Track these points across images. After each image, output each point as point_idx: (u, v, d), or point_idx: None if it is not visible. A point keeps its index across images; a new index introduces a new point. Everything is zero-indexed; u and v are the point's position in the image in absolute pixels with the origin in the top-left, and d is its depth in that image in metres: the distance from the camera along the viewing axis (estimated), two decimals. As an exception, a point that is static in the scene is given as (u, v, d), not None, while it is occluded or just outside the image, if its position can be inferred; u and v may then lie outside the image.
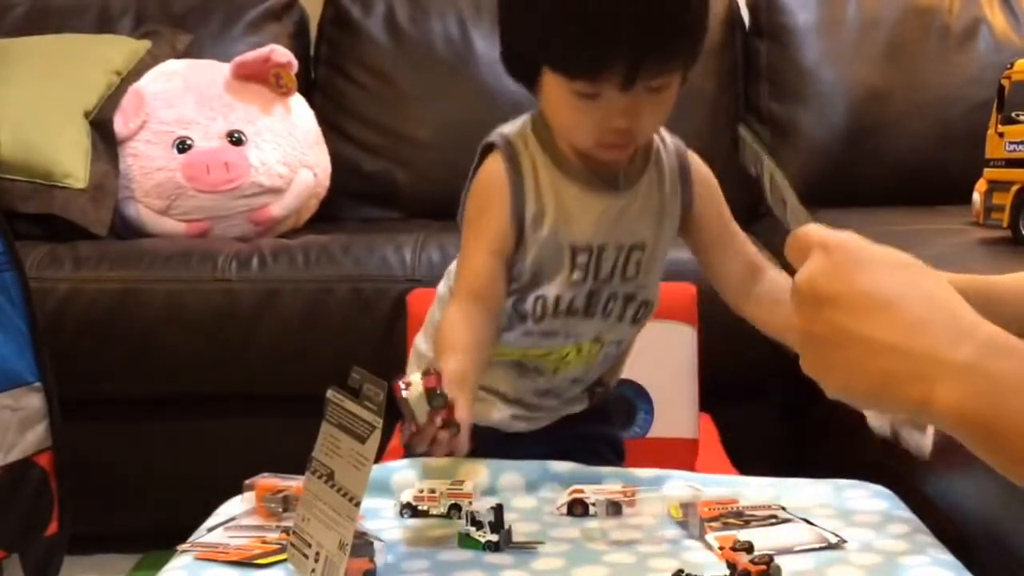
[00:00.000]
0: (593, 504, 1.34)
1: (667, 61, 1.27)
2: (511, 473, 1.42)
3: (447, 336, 1.33)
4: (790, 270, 0.89)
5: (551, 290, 1.41)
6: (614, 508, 1.33)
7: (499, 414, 1.51)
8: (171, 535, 1.37)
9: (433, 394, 1.14)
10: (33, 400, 2.03)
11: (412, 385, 1.15)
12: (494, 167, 1.40)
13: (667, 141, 1.46)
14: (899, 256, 0.86)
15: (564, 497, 1.36)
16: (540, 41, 1.29)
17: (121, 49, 2.81)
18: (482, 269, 1.38)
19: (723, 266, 1.47)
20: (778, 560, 1.16)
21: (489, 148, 1.42)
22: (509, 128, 1.42)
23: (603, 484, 1.38)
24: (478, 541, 1.24)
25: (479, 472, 1.41)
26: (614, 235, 1.40)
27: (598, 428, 1.58)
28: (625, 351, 1.54)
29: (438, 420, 1.16)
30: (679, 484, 1.38)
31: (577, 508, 1.34)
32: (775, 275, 1.47)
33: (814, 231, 0.88)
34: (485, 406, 1.49)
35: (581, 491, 1.35)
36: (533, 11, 1.29)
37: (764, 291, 1.45)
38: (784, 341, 1.42)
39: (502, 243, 1.38)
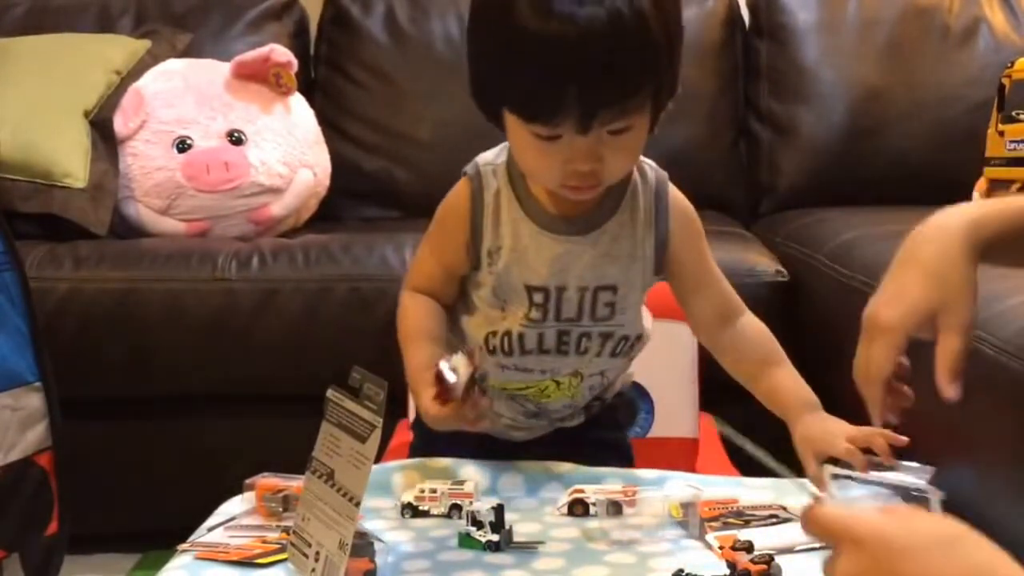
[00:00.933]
0: (594, 504, 1.34)
1: (623, 105, 1.22)
2: (512, 473, 1.42)
3: (414, 324, 1.40)
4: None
5: (515, 327, 1.39)
6: (615, 508, 1.33)
7: (495, 426, 1.49)
8: (171, 535, 1.37)
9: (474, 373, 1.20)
10: (33, 400, 2.03)
11: (459, 369, 1.19)
12: (460, 194, 1.40)
13: (647, 175, 1.41)
14: (938, 529, 0.80)
15: (565, 497, 1.36)
16: (498, 82, 1.27)
17: (121, 49, 2.81)
18: (432, 274, 1.43)
19: (696, 306, 1.43)
20: (778, 560, 1.16)
21: (464, 174, 1.41)
22: (487, 156, 1.41)
23: (603, 484, 1.38)
24: (479, 541, 1.24)
25: (480, 472, 1.41)
26: (574, 277, 1.37)
27: (602, 434, 1.56)
28: (619, 375, 1.53)
29: (475, 392, 1.21)
30: (679, 484, 1.38)
31: (578, 508, 1.34)
32: (747, 321, 1.44)
33: (837, 519, 0.83)
34: None
35: (582, 491, 1.35)
36: (490, 53, 1.26)
37: (732, 338, 1.43)
38: (749, 389, 1.43)
39: (453, 264, 1.41)
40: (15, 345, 2.01)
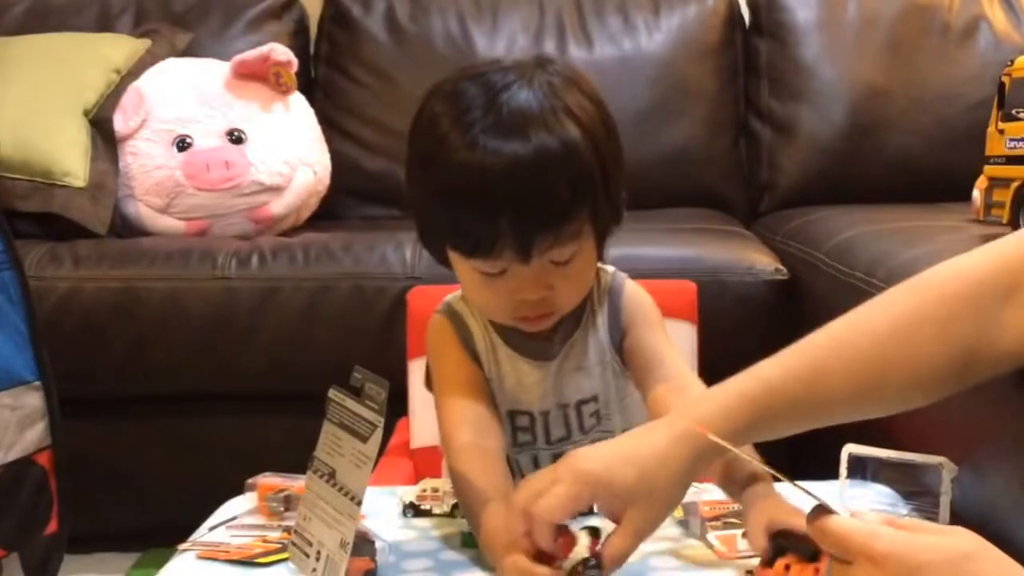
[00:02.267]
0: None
1: (559, 231, 1.21)
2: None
3: (477, 491, 1.22)
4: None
5: (510, 455, 1.37)
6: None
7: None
8: (170, 534, 1.37)
9: (588, 560, 1.08)
10: (32, 399, 2.03)
11: (577, 550, 1.08)
12: (441, 325, 1.37)
13: (602, 282, 1.39)
14: (955, 545, 0.81)
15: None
16: (437, 220, 1.26)
17: (121, 47, 2.81)
18: (461, 414, 1.30)
19: (649, 389, 1.37)
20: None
21: (436, 312, 1.39)
22: (454, 295, 1.40)
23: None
24: (480, 540, 1.24)
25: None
26: (554, 399, 1.36)
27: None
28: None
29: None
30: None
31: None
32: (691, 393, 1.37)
33: (854, 535, 0.83)
34: None
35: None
36: (427, 192, 1.26)
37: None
38: None
39: (469, 375, 1.34)
40: (15, 344, 2.01)
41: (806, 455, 2.29)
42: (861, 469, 1.34)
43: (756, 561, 1.15)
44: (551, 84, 1.23)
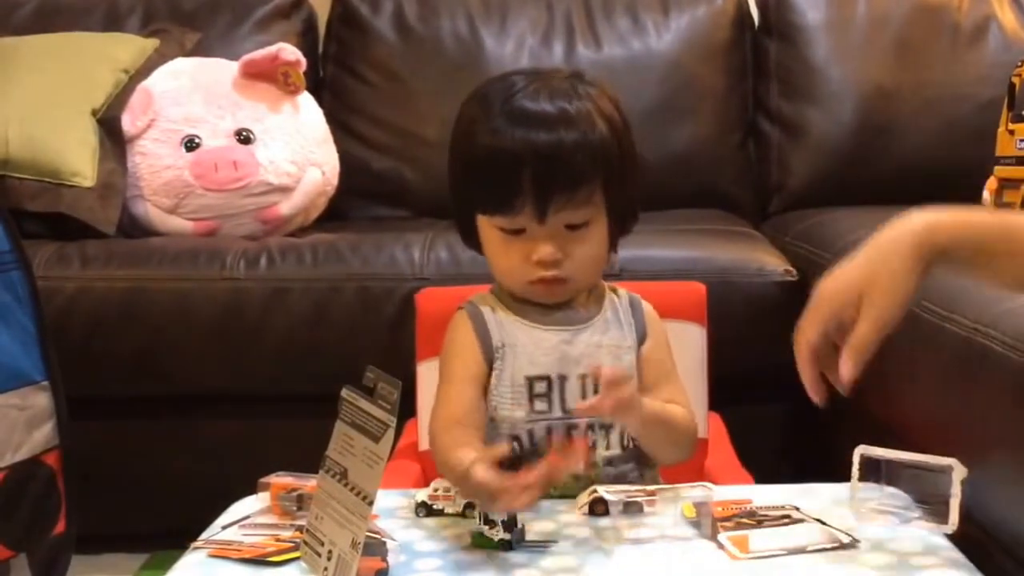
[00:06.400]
0: (615, 504, 1.33)
1: (574, 191, 1.36)
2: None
3: (454, 449, 1.33)
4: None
5: (522, 428, 1.42)
6: (636, 508, 1.33)
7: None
8: (179, 534, 1.37)
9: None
10: (40, 399, 2.03)
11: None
12: (459, 319, 1.48)
13: (620, 293, 1.52)
14: None
15: (584, 497, 1.35)
16: (464, 185, 1.44)
17: (129, 47, 2.80)
18: (457, 399, 1.42)
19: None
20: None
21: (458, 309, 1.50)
22: (477, 295, 1.51)
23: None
24: (491, 540, 1.24)
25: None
26: (573, 365, 1.43)
27: None
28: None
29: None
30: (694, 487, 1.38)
31: (598, 507, 1.34)
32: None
33: None
34: None
35: (595, 491, 1.35)
36: (462, 160, 1.43)
37: None
38: None
39: (475, 368, 1.44)
40: (22, 344, 2.01)
41: (818, 456, 2.29)
42: (874, 472, 1.34)
43: (765, 561, 1.15)
44: (582, 81, 1.42)
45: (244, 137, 2.62)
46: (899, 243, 1.21)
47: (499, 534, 1.24)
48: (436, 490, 1.36)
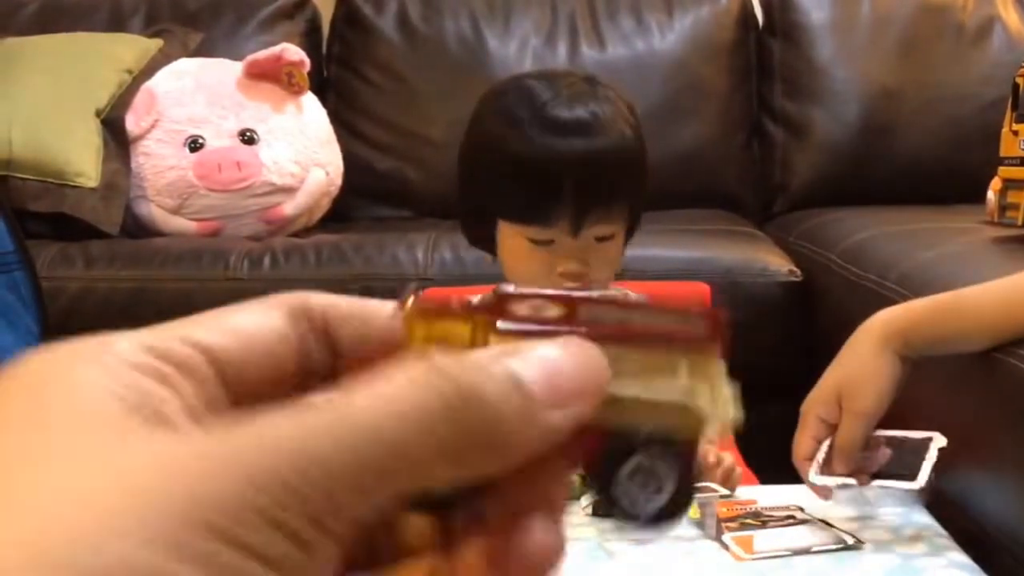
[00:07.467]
0: None
1: (609, 206, 1.37)
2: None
3: None
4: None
5: None
6: None
7: None
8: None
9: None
10: (45, 399, 2.02)
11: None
12: None
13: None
14: None
15: (588, 497, 1.35)
16: (497, 195, 1.42)
17: (133, 48, 2.81)
18: None
19: None
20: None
21: None
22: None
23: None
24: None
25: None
26: None
27: None
28: None
29: None
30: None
31: (602, 508, 1.33)
32: None
33: None
34: None
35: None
36: (491, 169, 1.42)
37: None
38: None
39: None
40: (26, 344, 2.01)
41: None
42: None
43: (769, 562, 1.15)
44: (599, 84, 1.45)
45: (248, 137, 2.62)
46: (866, 335, 1.28)
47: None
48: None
